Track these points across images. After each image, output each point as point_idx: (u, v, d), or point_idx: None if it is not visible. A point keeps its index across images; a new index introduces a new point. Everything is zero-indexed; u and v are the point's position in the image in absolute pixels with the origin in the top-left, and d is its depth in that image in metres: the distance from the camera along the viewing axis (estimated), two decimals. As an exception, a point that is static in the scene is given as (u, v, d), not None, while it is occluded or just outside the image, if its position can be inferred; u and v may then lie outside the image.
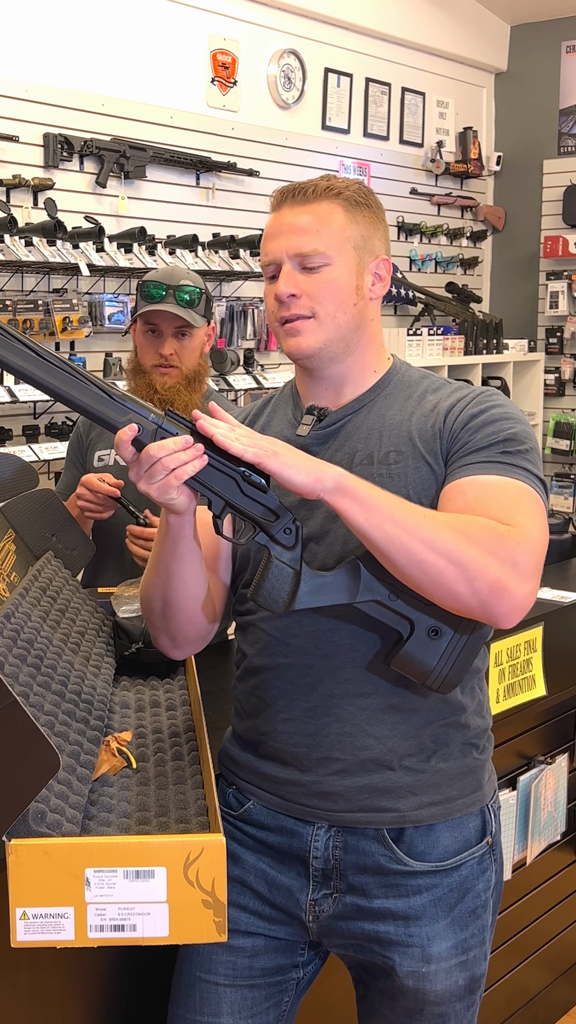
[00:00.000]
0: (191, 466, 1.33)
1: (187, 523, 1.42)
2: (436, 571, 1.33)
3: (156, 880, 1.32)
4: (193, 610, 1.52)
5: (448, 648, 1.42)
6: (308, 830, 1.51)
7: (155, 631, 1.58)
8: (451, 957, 1.51)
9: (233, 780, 1.61)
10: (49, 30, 4.11)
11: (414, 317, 5.94)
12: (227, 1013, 1.53)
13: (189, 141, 4.65)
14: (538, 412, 6.25)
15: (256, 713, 1.56)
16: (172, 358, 2.45)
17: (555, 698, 2.49)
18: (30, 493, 2.22)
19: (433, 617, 1.41)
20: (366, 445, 1.50)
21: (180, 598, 1.50)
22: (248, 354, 4.82)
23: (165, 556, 1.46)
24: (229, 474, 1.37)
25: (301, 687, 1.50)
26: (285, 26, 5.15)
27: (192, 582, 1.49)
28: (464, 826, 1.53)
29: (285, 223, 1.49)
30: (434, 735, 1.50)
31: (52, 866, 1.30)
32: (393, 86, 5.84)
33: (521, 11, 6.30)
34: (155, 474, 1.32)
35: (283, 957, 1.57)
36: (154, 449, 1.32)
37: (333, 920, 1.53)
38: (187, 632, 1.55)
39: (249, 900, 1.55)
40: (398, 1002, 1.53)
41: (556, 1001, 2.77)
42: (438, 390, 1.54)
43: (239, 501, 1.38)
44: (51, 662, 1.75)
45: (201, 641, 1.59)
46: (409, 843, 1.50)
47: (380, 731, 1.48)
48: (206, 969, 1.54)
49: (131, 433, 1.32)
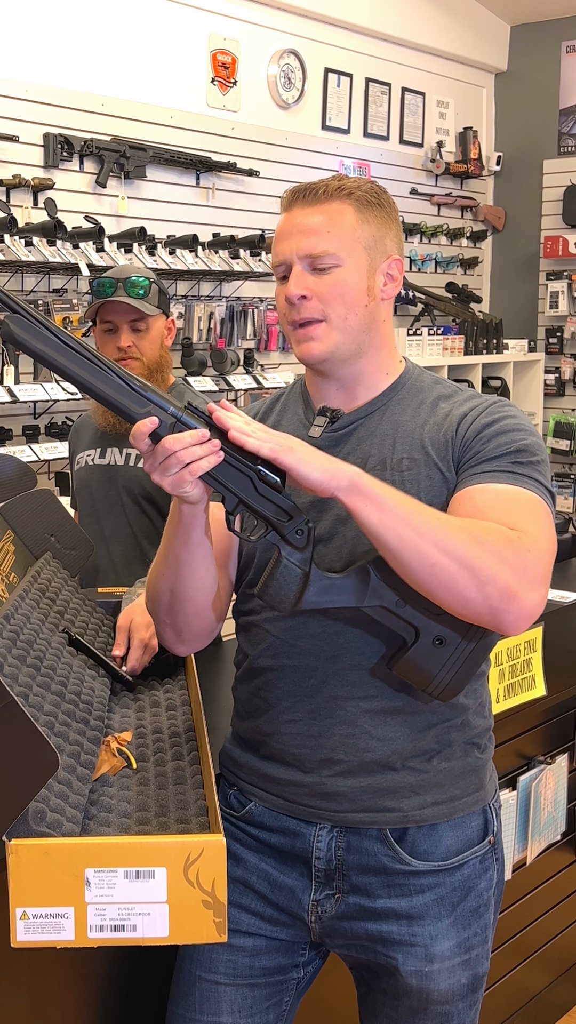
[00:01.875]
0: (206, 461, 1.31)
1: (200, 513, 1.40)
2: (448, 575, 1.32)
3: (156, 880, 1.32)
4: (202, 604, 1.49)
5: (452, 657, 1.42)
6: (311, 831, 1.51)
7: (160, 624, 1.55)
8: (454, 956, 1.51)
9: (234, 781, 1.61)
10: (49, 30, 4.11)
11: (414, 317, 5.94)
12: (227, 1012, 1.53)
13: (189, 141, 4.65)
14: (538, 412, 6.26)
15: (259, 714, 1.55)
16: (131, 350, 2.47)
17: (555, 698, 2.49)
18: (29, 493, 2.22)
19: (440, 625, 1.40)
20: (379, 451, 1.50)
21: (189, 590, 1.47)
22: (248, 354, 4.82)
23: (176, 546, 1.44)
24: (244, 472, 1.35)
25: (305, 688, 1.50)
26: (285, 26, 5.15)
27: (202, 574, 1.46)
28: (467, 825, 1.53)
29: (296, 224, 1.48)
30: (437, 736, 1.50)
31: (52, 866, 1.30)
32: (393, 86, 5.84)
33: (521, 11, 6.30)
34: (169, 467, 1.31)
35: (284, 957, 1.57)
36: (170, 442, 1.30)
37: (336, 920, 1.53)
38: (194, 626, 1.52)
39: (251, 901, 1.55)
40: (401, 1001, 1.53)
41: (556, 1001, 2.77)
42: (451, 397, 1.54)
43: (253, 499, 1.36)
44: (51, 663, 1.75)
45: (206, 637, 1.56)
46: (412, 843, 1.50)
47: (384, 733, 1.48)
48: (207, 968, 1.54)
49: (151, 426, 1.31)
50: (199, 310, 4.67)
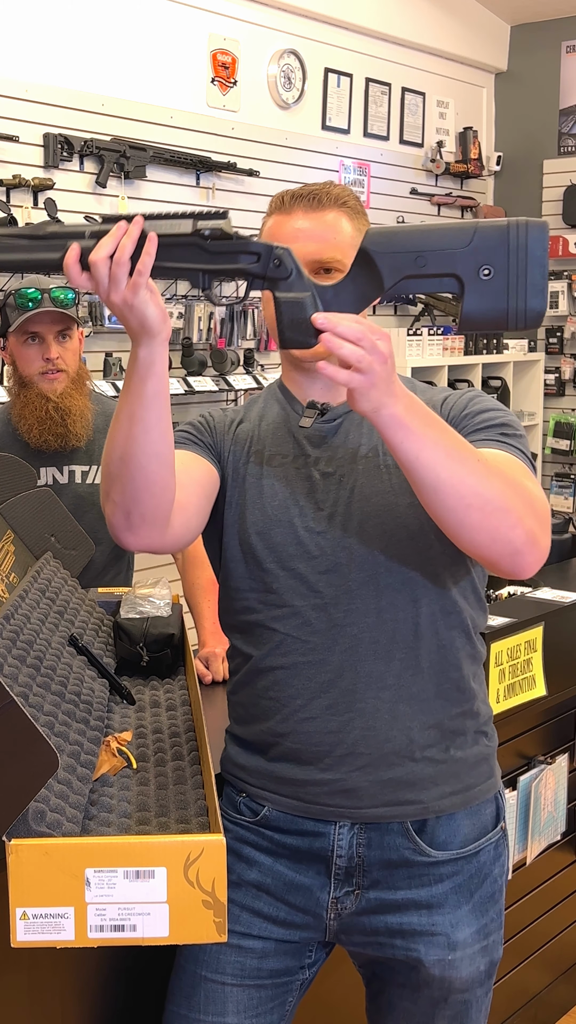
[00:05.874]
0: (147, 252, 1.25)
1: (158, 352, 1.30)
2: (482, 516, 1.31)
3: (156, 880, 1.32)
4: (154, 474, 1.37)
5: (509, 283, 1.30)
6: (330, 829, 1.51)
7: (111, 506, 1.41)
8: (474, 943, 1.54)
9: (243, 787, 1.58)
10: (49, 30, 4.11)
11: (414, 317, 5.94)
12: (232, 1013, 1.53)
13: (189, 141, 4.65)
14: (538, 412, 6.25)
15: (268, 716, 1.54)
16: (59, 361, 2.44)
17: (555, 698, 2.49)
18: (29, 494, 2.22)
19: (475, 256, 1.28)
20: (369, 439, 1.53)
21: (140, 455, 1.35)
22: (248, 354, 4.82)
23: (131, 400, 1.34)
24: (186, 242, 1.27)
25: (320, 684, 1.49)
26: (285, 26, 5.15)
27: (155, 437, 1.35)
28: (482, 813, 1.56)
29: (300, 229, 1.49)
30: (451, 724, 1.52)
31: (52, 866, 1.30)
32: (393, 86, 5.84)
33: (521, 11, 6.30)
34: (118, 277, 1.24)
35: (292, 959, 1.57)
36: (99, 251, 1.24)
37: (354, 916, 1.53)
38: (144, 505, 1.39)
39: (264, 904, 1.55)
40: (422, 993, 1.54)
41: (556, 1001, 2.77)
42: (426, 391, 1.58)
43: (214, 262, 1.28)
44: (51, 663, 1.75)
45: (158, 527, 1.42)
46: (432, 834, 1.51)
47: (402, 722, 1.49)
48: (213, 969, 1.53)
49: (75, 253, 1.26)
50: (199, 310, 4.67)
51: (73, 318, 2.44)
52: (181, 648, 2.13)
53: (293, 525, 1.51)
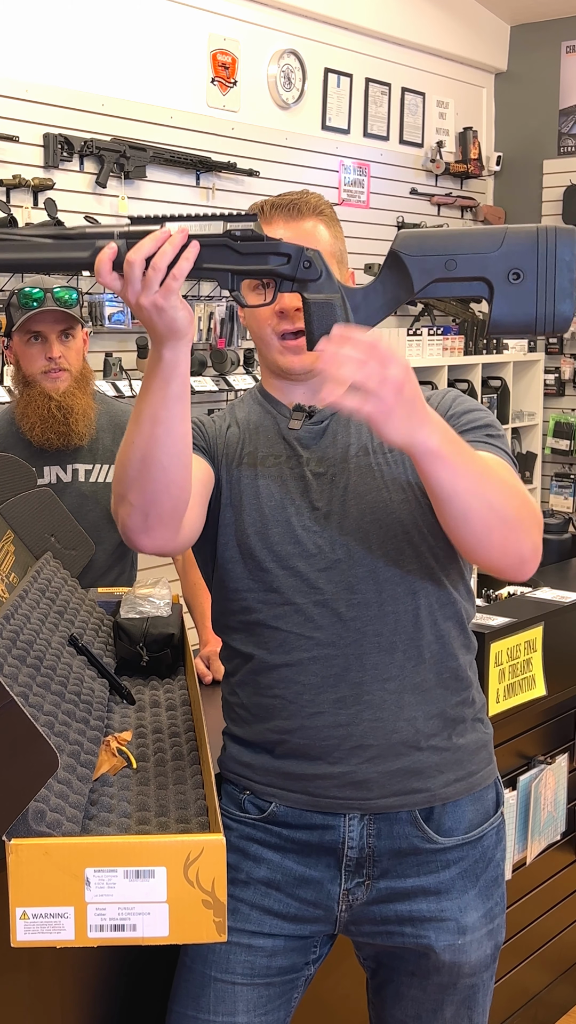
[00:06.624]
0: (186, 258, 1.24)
1: (183, 353, 1.30)
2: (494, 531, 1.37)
3: (156, 880, 1.32)
4: (173, 475, 1.36)
5: (539, 286, 1.30)
6: (340, 822, 1.52)
7: (126, 508, 1.40)
8: (482, 927, 1.57)
9: (247, 785, 1.58)
10: (49, 30, 4.11)
11: (414, 317, 5.94)
12: (242, 1011, 1.54)
13: (189, 141, 4.65)
14: (538, 412, 6.25)
15: (273, 714, 1.54)
16: (61, 360, 2.44)
17: (555, 698, 2.49)
18: (29, 494, 2.22)
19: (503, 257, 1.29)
20: (358, 439, 1.55)
21: (164, 455, 1.35)
22: (248, 354, 4.82)
23: (153, 402, 1.33)
24: (216, 243, 1.26)
25: (327, 679, 1.51)
26: (285, 26, 5.15)
27: (177, 437, 1.35)
28: (484, 798, 1.59)
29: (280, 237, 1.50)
30: (452, 712, 1.54)
31: (52, 866, 1.30)
32: (393, 86, 5.84)
33: (521, 11, 6.30)
34: (151, 281, 1.23)
35: (299, 956, 1.58)
36: (137, 253, 1.22)
37: (365, 906, 1.55)
38: (162, 505, 1.38)
39: (274, 902, 1.55)
40: (431, 980, 1.57)
41: (556, 1001, 2.77)
42: None
43: (244, 263, 1.28)
44: (51, 663, 1.76)
45: (172, 527, 1.42)
46: (438, 821, 1.54)
47: (408, 712, 1.51)
48: (223, 969, 1.54)
49: (111, 254, 1.25)
50: (199, 310, 4.67)
51: (76, 318, 2.44)
52: (181, 648, 2.13)
53: (290, 524, 1.52)
